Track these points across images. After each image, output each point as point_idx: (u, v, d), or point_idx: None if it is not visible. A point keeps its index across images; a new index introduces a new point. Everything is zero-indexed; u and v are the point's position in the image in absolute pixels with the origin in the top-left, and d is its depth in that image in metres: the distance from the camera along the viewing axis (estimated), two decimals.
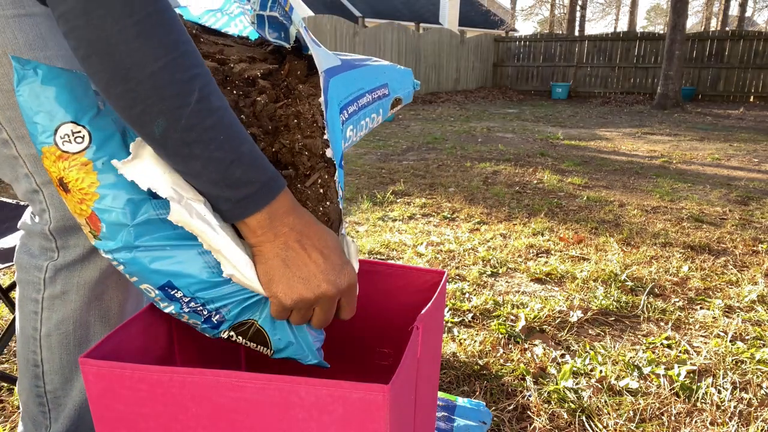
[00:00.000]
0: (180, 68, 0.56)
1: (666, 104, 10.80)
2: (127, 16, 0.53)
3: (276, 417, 0.62)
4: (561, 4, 25.76)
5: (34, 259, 0.87)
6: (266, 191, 0.64)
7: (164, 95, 0.56)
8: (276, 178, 0.65)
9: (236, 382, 0.61)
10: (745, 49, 12.50)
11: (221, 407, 0.62)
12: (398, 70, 1.02)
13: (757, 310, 1.99)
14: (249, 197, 0.63)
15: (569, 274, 2.29)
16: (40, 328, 0.89)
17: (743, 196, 3.77)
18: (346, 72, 0.86)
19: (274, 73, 0.84)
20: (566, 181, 4.19)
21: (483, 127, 7.63)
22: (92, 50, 0.55)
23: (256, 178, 0.62)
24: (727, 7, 23.49)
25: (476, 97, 13.43)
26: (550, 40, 14.76)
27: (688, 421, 1.37)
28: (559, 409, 1.40)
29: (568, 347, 1.72)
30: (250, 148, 0.62)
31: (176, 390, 0.63)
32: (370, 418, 0.59)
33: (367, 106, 0.89)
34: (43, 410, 0.95)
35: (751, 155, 5.55)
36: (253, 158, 0.62)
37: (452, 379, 1.53)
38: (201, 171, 0.61)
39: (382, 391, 0.58)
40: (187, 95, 0.57)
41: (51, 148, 0.65)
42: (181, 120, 0.57)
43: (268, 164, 0.65)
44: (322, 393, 0.60)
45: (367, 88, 0.89)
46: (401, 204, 3.43)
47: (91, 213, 0.66)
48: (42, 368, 0.91)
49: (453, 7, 20.94)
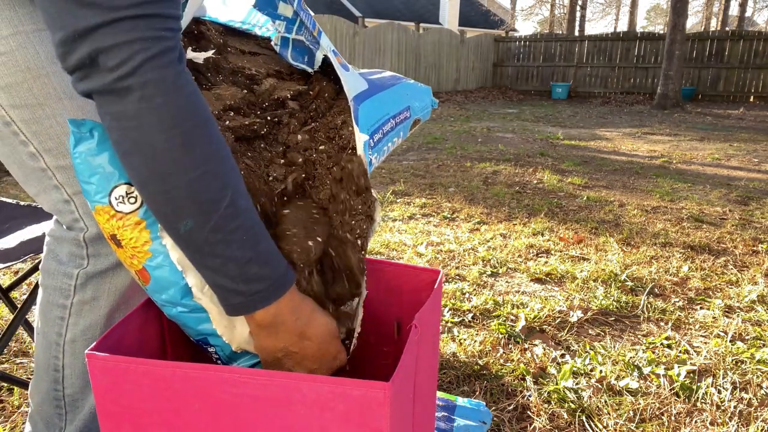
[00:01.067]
0: (216, 177, 0.60)
1: (666, 104, 10.80)
2: (174, 126, 0.57)
3: (277, 414, 0.62)
4: (561, 4, 25.76)
5: (62, 266, 0.86)
6: (277, 287, 0.66)
7: (198, 200, 0.60)
8: (286, 274, 0.68)
9: (238, 378, 0.61)
10: (745, 49, 12.50)
11: (223, 403, 0.63)
12: (419, 89, 1.03)
13: (757, 310, 1.99)
14: (260, 292, 0.65)
15: (569, 274, 2.29)
16: (65, 333, 0.89)
17: (743, 196, 3.77)
18: (374, 96, 0.87)
19: (303, 94, 0.86)
20: (566, 181, 4.19)
21: (483, 127, 7.63)
22: (137, 150, 0.58)
23: (269, 275, 0.65)
24: (727, 7, 23.49)
25: (476, 97, 13.43)
26: (550, 40, 14.76)
27: (688, 421, 1.37)
28: (559, 409, 1.40)
29: (568, 347, 1.72)
30: (266, 246, 0.66)
31: (179, 385, 0.63)
32: (372, 415, 0.60)
33: (391, 131, 0.91)
34: (59, 412, 0.95)
35: (751, 155, 5.55)
36: (269, 256, 0.66)
37: (452, 379, 1.52)
38: (219, 267, 0.63)
39: (384, 389, 0.59)
40: (218, 201, 0.60)
41: (105, 207, 0.68)
42: (210, 223, 0.61)
43: (281, 260, 0.67)
44: (323, 390, 0.60)
45: (392, 113, 0.91)
46: (401, 204, 3.43)
47: (142, 268, 0.70)
48: (62, 373, 0.91)
49: (453, 7, 20.94)
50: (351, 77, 0.85)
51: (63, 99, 0.78)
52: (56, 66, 0.77)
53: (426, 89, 1.06)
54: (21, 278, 1.42)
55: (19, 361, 1.57)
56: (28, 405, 1.38)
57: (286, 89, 0.84)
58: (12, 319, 1.24)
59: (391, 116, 0.90)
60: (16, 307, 1.34)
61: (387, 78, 0.97)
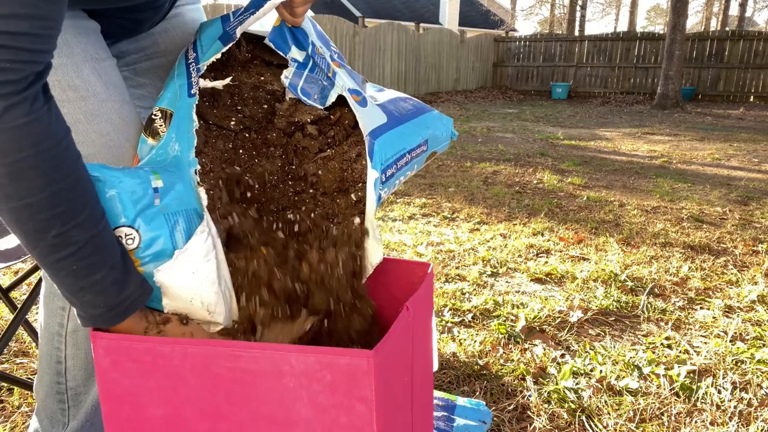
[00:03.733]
0: (41, 209, 0.62)
1: (666, 104, 10.80)
2: (3, 156, 0.59)
3: (269, 386, 0.64)
4: (561, 4, 25.76)
5: None
6: (116, 314, 0.69)
7: (22, 229, 0.63)
8: (126, 302, 0.69)
9: (231, 351, 0.64)
10: (745, 49, 12.50)
11: (218, 377, 0.66)
12: (440, 121, 1.02)
13: (757, 310, 1.99)
14: (98, 316, 0.69)
15: (569, 274, 2.29)
16: (66, 324, 0.91)
17: (743, 196, 3.77)
18: (392, 130, 0.87)
19: (324, 119, 0.87)
20: (566, 181, 4.19)
21: (483, 127, 7.63)
22: None
23: (104, 303, 0.68)
24: (727, 7, 23.48)
25: (476, 97, 13.43)
26: (550, 40, 14.76)
27: (688, 421, 1.37)
28: (559, 409, 1.40)
29: (568, 347, 1.72)
30: (104, 275, 0.67)
31: (177, 361, 0.66)
32: (357, 384, 0.62)
33: (406, 165, 0.91)
34: (62, 407, 0.95)
35: (751, 155, 5.55)
36: (106, 285, 0.67)
37: (452, 379, 1.52)
38: (59, 287, 0.68)
39: (368, 356, 0.60)
40: (42, 231, 0.63)
41: None
42: (36, 249, 0.64)
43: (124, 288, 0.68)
44: (310, 360, 0.62)
45: (409, 147, 0.91)
46: (401, 204, 3.43)
47: None
48: (65, 365, 0.93)
49: (453, 7, 20.93)
50: (368, 112, 0.86)
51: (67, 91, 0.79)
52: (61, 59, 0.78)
53: (447, 120, 1.04)
54: (21, 278, 1.42)
55: (19, 361, 1.57)
56: (28, 405, 1.38)
57: (307, 113, 0.85)
58: (12, 319, 1.24)
59: (408, 150, 0.91)
60: (16, 307, 1.34)
61: (409, 108, 0.96)
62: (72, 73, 0.79)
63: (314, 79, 0.87)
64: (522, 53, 15.12)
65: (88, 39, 0.82)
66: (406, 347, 0.75)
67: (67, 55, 0.79)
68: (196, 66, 0.85)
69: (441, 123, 1.02)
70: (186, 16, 1.07)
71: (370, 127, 0.83)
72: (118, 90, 0.85)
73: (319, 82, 0.87)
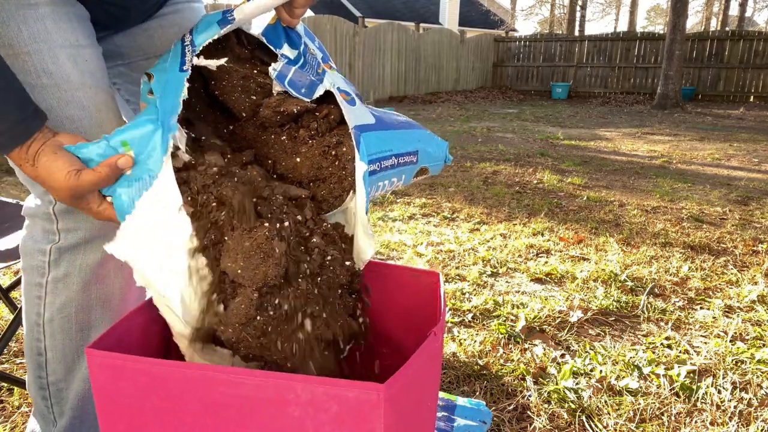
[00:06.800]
0: None
1: (666, 104, 10.80)
2: None
3: (272, 414, 0.62)
4: (561, 4, 25.77)
5: (37, 244, 0.89)
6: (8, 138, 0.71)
7: None
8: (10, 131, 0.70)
9: (233, 378, 0.61)
10: (745, 49, 12.49)
11: (217, 403, 0.63)
12: (434, 140, 1.01)
13: (757, 310, 1.99)
14: None
15: (569, 274, 2.29)
16: (43, 313, 0.91)
17: (743, 196, 3.77)
18: (378, 132, 0.86)
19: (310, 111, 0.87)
20: (566, 181, 4.19)
21: (483, 127, 7.63)
22: None
23: None
24: (727, 7, 23.48)
25: (476, 97, 13.43)
26: (550, 40, 14.76)
27: (688, 421, 1.37)
28: (559, 409, 1.40)
29: (568, 347, 1.72)
30: None
31: (174, 384, 0.63)
32: (365, 418, 0.59)
33: (390, 168, 0.89)
34: (46, 404, 0.95)
35: (751, 155, 5.55)
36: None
37: (452, 379, 1.52)
38: None
39: (378, 390, 0.58)
40: None
41: None
42: None
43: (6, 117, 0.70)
44: (317, 391, 0.59)
45: (396, 151, 0.89)
46: (401, 204, 3.43)
47: None
48: (45, 357, 0.93)
49: (453, 7, 20.93)
50: (356, 111, 0.85)
51: (42, 77, 0.79)
52: (38, 45, 0.78)
53: (442, 143, 1.03)
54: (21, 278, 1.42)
55: (19, 361, 1.57)
56: (28, 405, 1.38)
57: (294, 104, 0.85)
58: (12, 319, 1.24)
59: (394, 154, 0.89)
60: (16, 307, 1.34)
61: (401, 121, 0.95)
62: (48, 59, 0.79)
63: (303, 74, 0.87)
64: (522, 53, 15.12)
65: (69, 25, 0.82)
66: (424, 374, 0.71)
67: (44, 41, 0.79)
68: (192, 47, 0.84)
69: (434, 142, 1.01)
70: (184, 14, 1.07)
71: (356, 122, 0.83)
72: (95, 77, 0.84)
73: (307, 77, 0.87)
